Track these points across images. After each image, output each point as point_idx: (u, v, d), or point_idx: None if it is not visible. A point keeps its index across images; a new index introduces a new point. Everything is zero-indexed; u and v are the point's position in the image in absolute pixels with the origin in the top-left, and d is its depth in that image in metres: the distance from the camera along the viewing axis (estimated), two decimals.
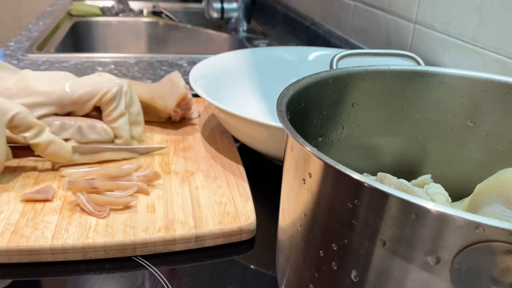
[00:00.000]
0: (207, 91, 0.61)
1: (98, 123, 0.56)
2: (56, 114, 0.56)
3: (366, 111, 0.41)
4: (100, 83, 0.56)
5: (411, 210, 0.21)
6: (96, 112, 0.58)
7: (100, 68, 0.93)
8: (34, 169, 0.53)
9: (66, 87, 0.56)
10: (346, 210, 0.24)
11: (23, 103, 0.53)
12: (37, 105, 0.54)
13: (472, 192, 0.34)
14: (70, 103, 0.56)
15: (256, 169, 0.59)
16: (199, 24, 1.44)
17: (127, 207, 0.46)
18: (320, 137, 0.40)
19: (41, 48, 1.06)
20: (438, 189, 0.37)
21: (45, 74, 0.58)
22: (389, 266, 0.23)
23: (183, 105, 0.65)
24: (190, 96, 0.65)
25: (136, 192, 0.49)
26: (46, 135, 0.52)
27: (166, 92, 0.65)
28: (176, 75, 0.66)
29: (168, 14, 1.55)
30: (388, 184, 0.35)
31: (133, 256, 0.43)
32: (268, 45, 1.23)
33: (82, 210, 0.45)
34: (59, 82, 0.56)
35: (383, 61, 0.45)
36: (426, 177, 0.40)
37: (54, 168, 0.54)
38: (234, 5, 1.31)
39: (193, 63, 1.00)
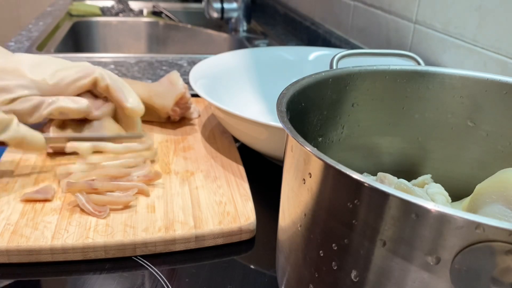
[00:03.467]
0: (207, 91, 0.61)
1: (74, 97, 0.57)
2: None
3: (366, 111, 0.41)
4: (86, 69, 0.57)
5: (411, 210, 0.21)
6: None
7: None
8: (34, 169, 0.53)
9: (52, 78, 0.56)
10: (346, 210, 0.24)
11: (6, 85, 0.54)
12: (20, 86, 0.54)
13: (472, 192, 0.34)
14: (55, 92, 0.56)
15: (256, 169, 0.59)
16: (199, 24, 1.44)
17: (127, 206, 0.46)
18: (320, 137, 0.40)
19: (41, 48, 1.06)
20: (438, 189, 0.37)
21: (34, 59, 0.58)
22: (389, 266, 0.23)
23: (182, 104, 0.65)
24: (188, 95, 0.65)
25: (136, 193, 0.49)
26: (13, 130, 0.49)
27: (164, 91, 0.65)
28: (174, 75, 0.66)
29: (168, 14, 1.55)
30: (388, 184, 0.35)
31: (133, 256, 0.43)
32: (268, 45, 1.23)
33: (82, 210, 0.45)
34: (47, 68, 0.57)
35: (383, 61, 0.45)
36: (426, 177, 0.40)
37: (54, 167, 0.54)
38: (234, 5, 1.31)
39: (193, 63, 1.00)
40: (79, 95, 0.58)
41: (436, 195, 0.36)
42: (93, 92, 0.59)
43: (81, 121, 0.58)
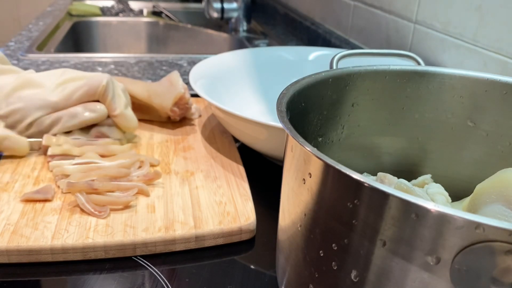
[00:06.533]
0: (207, 91, 0.61)
1: (89, 104, 0.58)
2: None
3: (366, 111, 0.41)
4: (90, 81, 0.58)
5: (411, 210, 0.21)
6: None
7: (100, 68, 0.93)
8: (34, 169, 0.53)
9: (59, 96, 0.57)
10: (346, 210, 0.24)
11: (19, 108, 0.55)
12: (33, 108, 0.56)
13: (472, 192, 0.34)
14: (67, 106, 0.58)
15: (256, 169, 0.59)
16: (199, 24, 1.43)
17: (127, 207, 0.46)
18: (320, 137, 0.40)
19: (41, 48, 1.06)
20: (438, 189, 0.37)
21: (44, 78, 0.59)
22: (389, 266, 0.23)
23: (181, 104, 0.65)
24: (187, 96, 0.65)
25: (136, 193, 0.49)
26: None
27: (163, 91, 0.65)
28: (174, 75, 0.66)
29: (168, 14, 1.55)
30: (388, 184, 0.35)
31: (133, 256, 0.43)
32: (268, 45, 1.23)
33: (82, 210, 0.45)
34: (55, 86, 0.58)
35: (383, 61, 0.45)
36: (426, 177, 0.40)
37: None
38: (234, 5, 1.31)
39: (193, 63, 1.00)
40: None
41: (436, 195, 0.36)
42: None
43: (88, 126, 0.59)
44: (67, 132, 0.58)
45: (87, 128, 0.59)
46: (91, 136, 0.58)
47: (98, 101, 0.59)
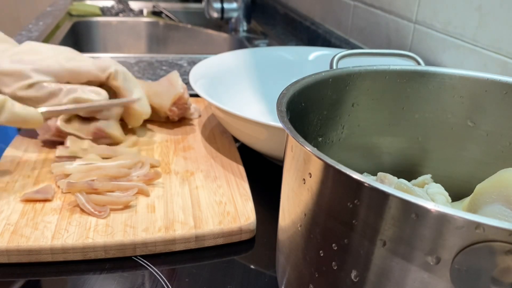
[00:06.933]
0: (207, 91, 0.61)
1: (90, 86, 0.58)
2: None
3: (366, 111, 0.41)
4: (98, 61, 0.58)
5: (411, 210, 0.21)
6: None
7: None
8: (34, 169, 0.53)
9: (65, 66, 0.57)
10: (346, 210, 0.24)
11: (23, 69, 0.54)
12: (36, 71, 0.55)
13: (472, 192, 0.34)
14: (70, 79, 0.57)
15: (256, 169, 0.59)
16: (199, 24, 1.44)
17: (127, 206, 0.46)
18: (320, 137, 0.40)
19: None
20: (438, 189, 0.37)
21: (47, 47, 0.59)
22: (389, 266, 0.23)
23: (180, 105, 0.65)
24: (186, 96, 0.65)
25: (136, 193, 0.49)
26: (8, 111, 0.49)
27: (162, 91, 0.65)
28: (174, 75, 0.66)
29: (168, 14, 1.56)
30: (388, 184, 0.35)
31: (133, 256, 0.43)
32: (268, 45, 1.23)
33: (82, 210, 0.45)
34: (60, 55, 0.58)
35: (383, 61, 0.45)
36: (426, 177, 0.40)
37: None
38: (234, 5, 1.31)
39: (193, 63, 1.00)
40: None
41: (436, 195, 0.36)
42: (102, 87, 0.60)
43: (87, 119, 0.59)
44: (67, 122, 0.58)
45: (86, 123, 0.58)
46: (89, 133, 0.58)
47: (102, 85, 0.59)
